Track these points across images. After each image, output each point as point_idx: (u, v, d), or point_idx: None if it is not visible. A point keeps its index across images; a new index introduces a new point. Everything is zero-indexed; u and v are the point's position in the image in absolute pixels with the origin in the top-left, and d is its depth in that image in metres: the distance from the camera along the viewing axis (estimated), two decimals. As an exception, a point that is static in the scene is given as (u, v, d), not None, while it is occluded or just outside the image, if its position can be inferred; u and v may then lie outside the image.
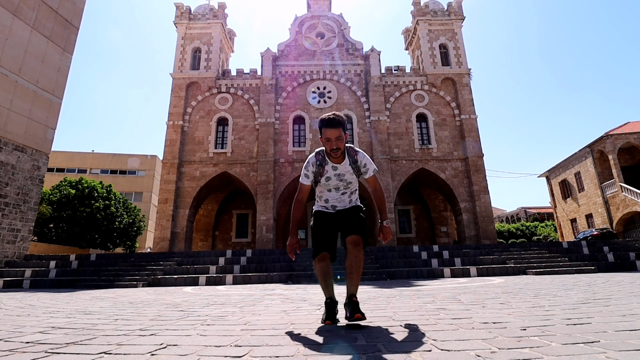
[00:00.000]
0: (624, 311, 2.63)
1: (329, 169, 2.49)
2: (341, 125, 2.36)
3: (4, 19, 12.59)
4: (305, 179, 2.51)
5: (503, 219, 54.14)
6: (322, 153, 2.50)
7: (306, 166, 2.49)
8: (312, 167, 2.48)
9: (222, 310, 3.54)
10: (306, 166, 2.49)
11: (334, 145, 2.36)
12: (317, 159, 2.50)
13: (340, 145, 2.36)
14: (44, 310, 3.86)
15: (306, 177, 2.50)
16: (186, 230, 20.26)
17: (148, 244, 36.06)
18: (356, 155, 2.50)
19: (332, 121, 2.34)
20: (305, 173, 2.50)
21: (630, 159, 25.57)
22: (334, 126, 2.33)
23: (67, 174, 31.58)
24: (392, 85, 22.99)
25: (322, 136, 2.40)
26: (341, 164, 2.47)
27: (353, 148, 2.54)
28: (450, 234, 24.11)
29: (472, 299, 3.97)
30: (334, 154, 2.40)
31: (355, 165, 2.49)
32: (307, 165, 2.49)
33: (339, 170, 2.49)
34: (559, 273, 10.59)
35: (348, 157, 2.48)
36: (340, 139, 2.36)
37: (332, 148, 2.37)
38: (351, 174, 2.52)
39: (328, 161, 2.47)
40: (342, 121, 2.38)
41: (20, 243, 12.79)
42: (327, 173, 2.49)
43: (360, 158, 2.50)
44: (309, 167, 2.49)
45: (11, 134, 12.62)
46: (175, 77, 22.71)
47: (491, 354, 1.49)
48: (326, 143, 2.39)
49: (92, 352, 1.75)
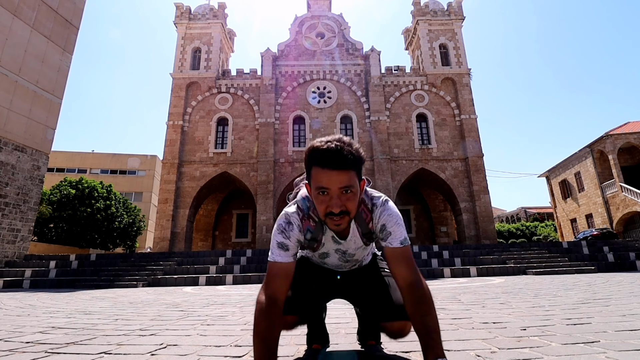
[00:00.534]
0: (624, 311, 2.63)
1: (327, 241, 1.40)
2: (355, 165, 1.19)
3: (4, 19, 12.59)
4: (277, 255, 1.27)
5: (503, 219, 54.13)
6: (311, 211, 1.33)
7: (279, 232, 1.29)
8: (290, 236, 1.29)
9: (222, 310, 3.54)
10: (279, 232, 1.29)
11: (335, 206, 1.19)
12: (302, 223, 1.33)
13: (349, 206, 1.21)
14: (44, 310, 3.86)
15: (282, 248, 1.27)
16: (186, 230, 20.26)
17: (148, 244, 36.06)
18: (371, 215, 1.34)
19: (336, 155, 1.15)
20: (278, 243, 1.28)
21: (630, 159, 25.56)
22: (339, 167, 1.15)
23: (67, 174, 31.55)
24: (392, 85, 22.99)
25: (312, 182, 1.21)
26: (347, 237, 1.38)
27: (365, 199, 1.34)
28: (450, 234, 24.11)
29: (472, 299, 3.97)
30: (335, 222, 1.23)
31: (367, 232, 1.37)
32: (280, 232, 1.29)
33: (344, 247, 1.42)
34: (559, 273, 10.58)
35: (356, 222, 1.35)
36: (352, 194, 1.20)
37: (331, 212, 1.20)
38: (363, 249, 1.46)
39: (326, 228, 1.36)
40: (357, 157, 1.20)
41: (20, 243, 12.79)
42: (324, 247, 1.43)
43: (377, 216, 1.33)
44: (283, 237, 1.29)
45: (11, 134, 12.61)
46: (175, 77, 22.71)
47: (491, 354, 1.49)
48: (319, 199, 1.20)
49: (92, 352, 1.75)
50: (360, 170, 1.23)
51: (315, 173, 1.18)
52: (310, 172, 1.20)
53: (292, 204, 1.38)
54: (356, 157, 1.19)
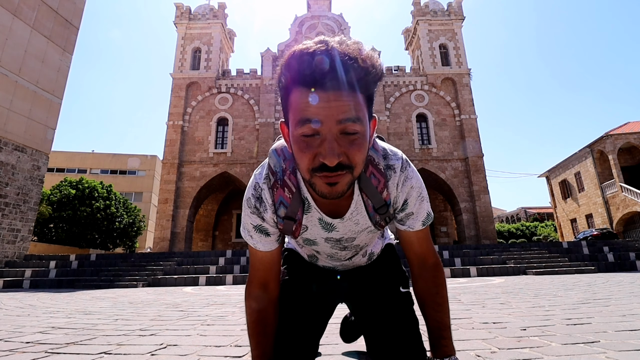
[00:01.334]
0: (624, 311, 2.63)
1: (310, 224, 0.94)
2: (364, 83, 0.69)
3: (4, 19, 12.59)
4: (259, 242, 0.94)
5: (503, 219, 54.13)
6: (287, 175, 0.90)
7: (251, 212, 0.92)
8: (265, 218, 0.92)
9: (222, 310, 3.54)
10: (251, 212, 0.92)
11: (330, 153, 0.67)
12: (272, 193, 0.91)
13: (354, 156, 0.70)
14: (44, 310, 3.86)
15: (261, 232, 0.93)
16: (186, 230, 20.26)
17: (148, 244, 36.06)
18: (385, 180, 0.89)
19: (332, 65, 0.65)
20: (255, 226, 0.93)
21: (630, 159, 25.56)
22: (337, 85, 0.66)
23: (67, 174, 31.56)
24: (392, 85, 22.99)
25: (291, 117, 0.72)
26: (346, 215, 0.91)
27: (375, 156, 0.89)
28: (450, 234, 24.11)
29: (472, 299, 3.97)
30: (328, 180, 0.71)
31: (381, 205, 0.90)
32: (253, 212, 0.92)
33: (340, 231, 0.96)
34: (559, 273, 10.58)
35: (362, 192, 0.89)
36: (360, 137, 0.70)
37: (323, 164, 0.69)
38: (370, 231, 0.98)
39: (309, 202, 0.90)
40: (368, 69, 0.68)
41: (20, 243, 12.79)
42: (308, 232, 0.97)
43: (395, 184, 0.89)
44: (258, 218, 0.92)
45: (11, 134, 12.61)
46: (175, 77, 22.71)
47: (491, 354, 1.49)
48: (302, 143, 0.70)
49: (92, 352, 1.75)
50: (373, 95, 0.74)
51: (295, 99, 0.69)
52: (289, 100, 0.72)
53: (260, 171, 0.94)
54: (367, 67, 0.68)
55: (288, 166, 0.89)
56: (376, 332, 1.01)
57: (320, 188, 0.73)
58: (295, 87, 0.69)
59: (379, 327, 1.00)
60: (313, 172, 0.71)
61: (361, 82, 0.68)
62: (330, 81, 0.66)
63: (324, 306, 1.11)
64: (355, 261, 1.13)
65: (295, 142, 0.72)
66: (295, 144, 0.72)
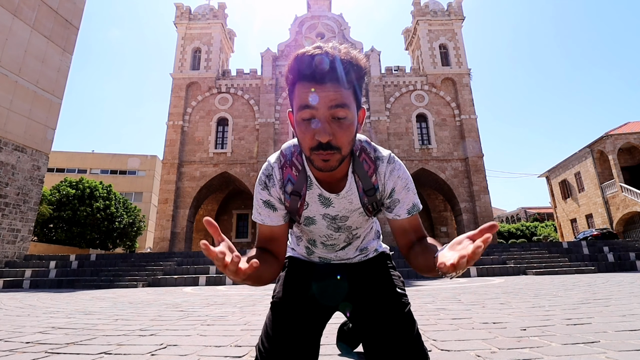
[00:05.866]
0: (624, 311, 2.63)
1: (311, 200, 1.06)
2: (350, 78, 0.89)
3: (4, 19, 12.59)
4: (267, 217, 1.06)
5: (503, 219, 54.13)
6: (295, 157, 1.05)
7: (261, 188, 1.06)
8: (273, 194, 1.05)
9: (222, 310, 3.54)
10: (261, 188, 1.06)
11: (323, 132, 0.86)
12: (281, 172, 1.06)
13: (340, 137, 0.88)
14: (44, 311, 3.86)
15: (269, 207, 1.05)
16: (186, 230, 20.26)
17: (148, 244, 36.05)
18: (375, 166, 1.04)
19: (323, 63, 0.86)
20: (264, 201, 1.05)
21: (630, 159, 25.56)
22: (327, 79, 0.86)
23: (67, 174, 31.56)
24: (392, 85, 22.99)
25: (295, 105, 0.91)
26: (342, 192, 1.04)
27: (367, 147, 1.06)
28: (450, 234, 24.11)
29: (472, 299, 3.97)
30: (322, 157, 0.89)
31: (370, 188, 1.04)
32: (263, 188, 1.05)
33: (336, 207, 1.06)
34: (559, 273, 10.58)
35: (354, 173, 1.03)
36: (346, 121, 0.88)
37: (319, 142, 0.87)
38: (361, 213, 1.09)
39: (312, 179, 1.03)
40: (353, 66, 0.90)
41: (20, 243, 12.78)
42: (308, 209, 1.07)
43: (383, 172, 1.04)
44: (267, 193, 1.05)
45: (11, 134, 12.61)
46: (175, 77, 22.72)
47: (491, 354, 1.49)
48: (303, 127, 0.89)
49: (92, 352, 1.75)
50: (360, 88, 0.94)
51: (297, 91, 0.89)
52: (294, 92, 0.92)
53: (275, 155, 1.10)
54: (352, 65, 0.89)
55: (296, 150, 1.08)
56: (376, 336, 1.00)
57: (317, 163, 0.92)
58: (298, 82, 0.90)
59: (379, 330, 1.00)
60: (312, 151, 0.90)
61: (348, 77, 0.89)
62: (324, 76, 0.86)
63: (324, 309, 1.14)
64: (349, 254, 1.22)
65: (298, 125, 0.92)
66: (298, 126, 0.91)
